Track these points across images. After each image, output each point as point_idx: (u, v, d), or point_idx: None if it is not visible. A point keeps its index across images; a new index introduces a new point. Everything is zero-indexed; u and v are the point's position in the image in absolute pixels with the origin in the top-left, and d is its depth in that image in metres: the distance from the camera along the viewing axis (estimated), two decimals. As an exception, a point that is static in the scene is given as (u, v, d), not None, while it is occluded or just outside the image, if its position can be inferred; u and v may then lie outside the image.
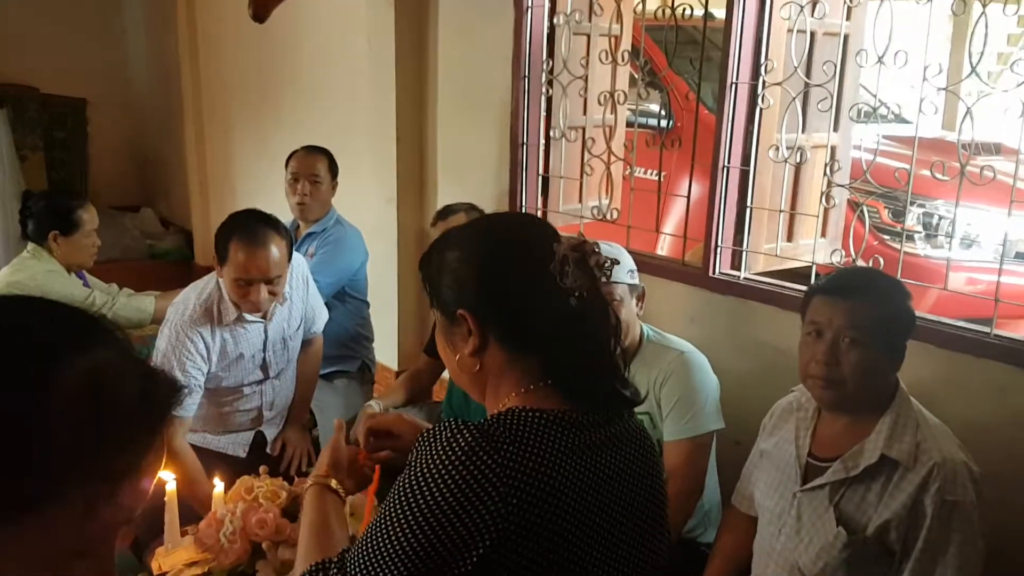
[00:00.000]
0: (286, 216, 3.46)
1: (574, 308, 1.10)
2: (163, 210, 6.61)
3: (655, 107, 4.06)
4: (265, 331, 2.54)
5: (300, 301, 2.67)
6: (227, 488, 1.73)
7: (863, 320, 1.66)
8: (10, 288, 2.84)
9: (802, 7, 2.38)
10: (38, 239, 2.95)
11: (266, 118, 4.89)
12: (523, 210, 3.33)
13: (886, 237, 3.70)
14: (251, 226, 2.34)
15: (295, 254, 2.67)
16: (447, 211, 3.00)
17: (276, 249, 2.33)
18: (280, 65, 4.67)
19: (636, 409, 2.08)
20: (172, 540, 1.65)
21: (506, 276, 1.14)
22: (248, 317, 2.45)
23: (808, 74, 2.57)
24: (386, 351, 3.83)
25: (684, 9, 2.70)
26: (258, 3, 3.30)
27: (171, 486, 1.66)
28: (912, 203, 3.70)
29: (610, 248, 2.13)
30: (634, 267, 2.15)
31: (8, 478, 0.64)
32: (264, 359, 2.59)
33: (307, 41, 4.42)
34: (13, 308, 0.73)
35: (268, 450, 2.71)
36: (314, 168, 3.27)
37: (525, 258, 1.13)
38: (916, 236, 3.70)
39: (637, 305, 2.15)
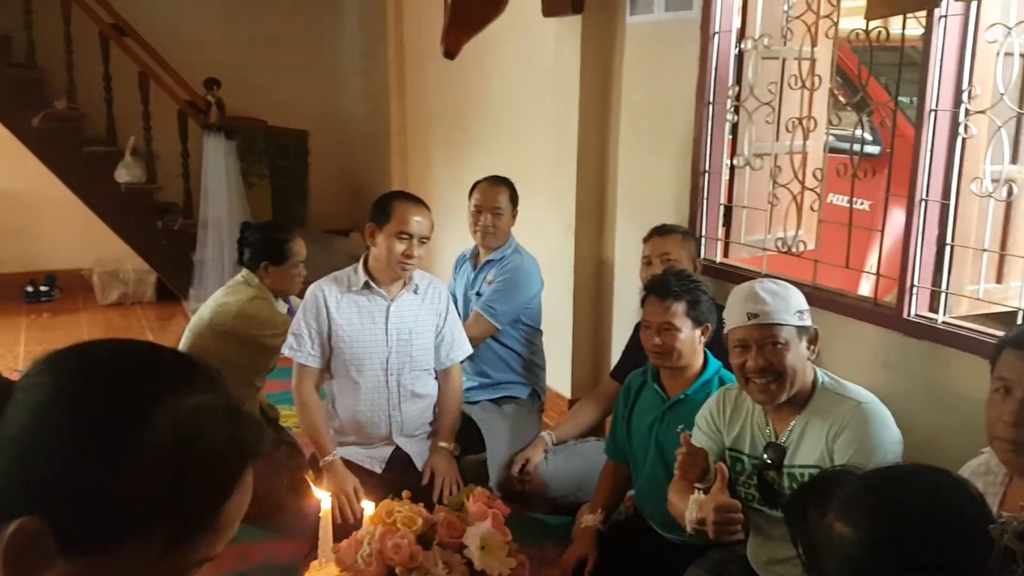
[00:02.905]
0: (470, 242, 3.58)
1: None
2: (369, 235, 7.00)
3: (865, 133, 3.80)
4: (388, 310, 2.80)
5: (435, 313, 2.90)
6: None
7: (1061, 379, 1.46)
8: (219, 308, 3.16)
9: (1010, 29, 2.14)
10: (251, 267, 3.22)
11: (460, 149, 5.08)
12: (703, 240, 3.23)
13: None
14: (409, 194, 2.86)
15: (441, 284, 3.00)
16: (664, 228, 2.96)
17: (428, 217, 2.78)
18: (472, 98, 4.85)
19: (805, 462, 1.97)
20: (325, 555, 1.73)
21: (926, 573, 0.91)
22: (374, 288, 2.78)
23: (1022, 101, 2.30)
24: (559, 379, 3.83)
25: (880, 31, 2.52)
26: (449, 40, 3.43)
27: (326, 505, 1.74)
28: None
29: (776, 286, 2.01)
30: (804, 307, 2.01)
31: (95, 510, 0.68)
32: (387, 344, 2.78)
33: (496, 74, 4.55)
34: (121, 351, 0.78)
35: (421, 474, 2.83)
36: (496, 200, 3.36)
37: (953, 549, 0.91)
38: None
39: (809, 349, 2.00)
